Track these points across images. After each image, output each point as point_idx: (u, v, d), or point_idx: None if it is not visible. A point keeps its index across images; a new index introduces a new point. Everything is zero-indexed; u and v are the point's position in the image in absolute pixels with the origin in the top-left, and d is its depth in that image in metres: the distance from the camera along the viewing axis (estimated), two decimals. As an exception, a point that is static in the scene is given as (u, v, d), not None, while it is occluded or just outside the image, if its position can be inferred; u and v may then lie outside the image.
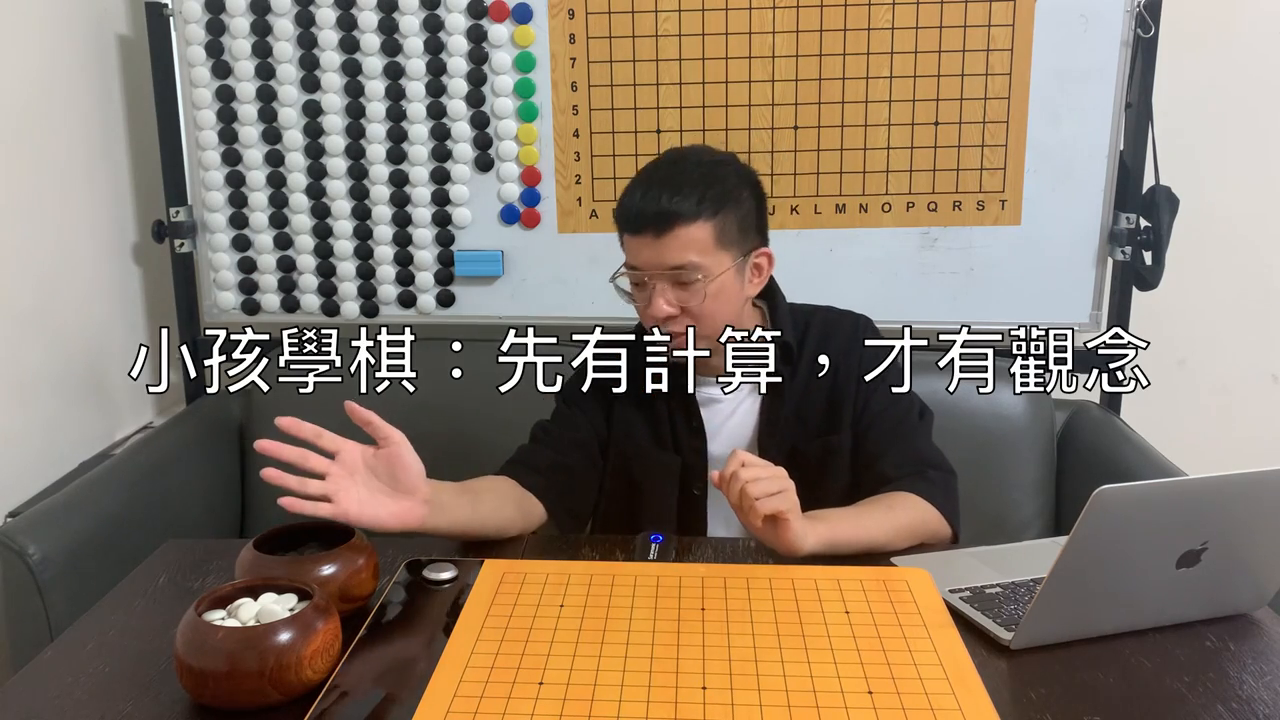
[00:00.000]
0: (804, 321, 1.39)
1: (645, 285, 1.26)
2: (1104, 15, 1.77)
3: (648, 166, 1.30)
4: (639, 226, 1.24)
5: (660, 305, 1.24)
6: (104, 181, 1.92)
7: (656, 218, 1.22)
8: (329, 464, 1.06)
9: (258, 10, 1.86)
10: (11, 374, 1.65)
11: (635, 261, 1.26)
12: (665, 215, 1.22)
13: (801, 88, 1.83)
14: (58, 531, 1.44)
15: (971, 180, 1.85)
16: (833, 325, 1.39)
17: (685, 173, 1.25)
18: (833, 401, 1.36)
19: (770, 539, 1.13)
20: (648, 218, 1.23)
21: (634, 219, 1.24)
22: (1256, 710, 0.88)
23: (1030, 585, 1.08)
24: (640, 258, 1.25)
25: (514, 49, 1.85)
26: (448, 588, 1.10)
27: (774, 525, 1.12)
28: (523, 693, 0.89)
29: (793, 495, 1.11)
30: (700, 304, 1.25)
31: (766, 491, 1.09)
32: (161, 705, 0.90)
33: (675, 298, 1.25)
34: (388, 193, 1.92)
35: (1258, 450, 2.03)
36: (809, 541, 1.13)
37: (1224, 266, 1.99)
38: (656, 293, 1.24)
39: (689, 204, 1.22)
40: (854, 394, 1.36)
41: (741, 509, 1.11)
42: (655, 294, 1.24)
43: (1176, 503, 0.93)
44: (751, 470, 1.10)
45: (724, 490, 1.13)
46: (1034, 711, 0.88)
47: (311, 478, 1.04)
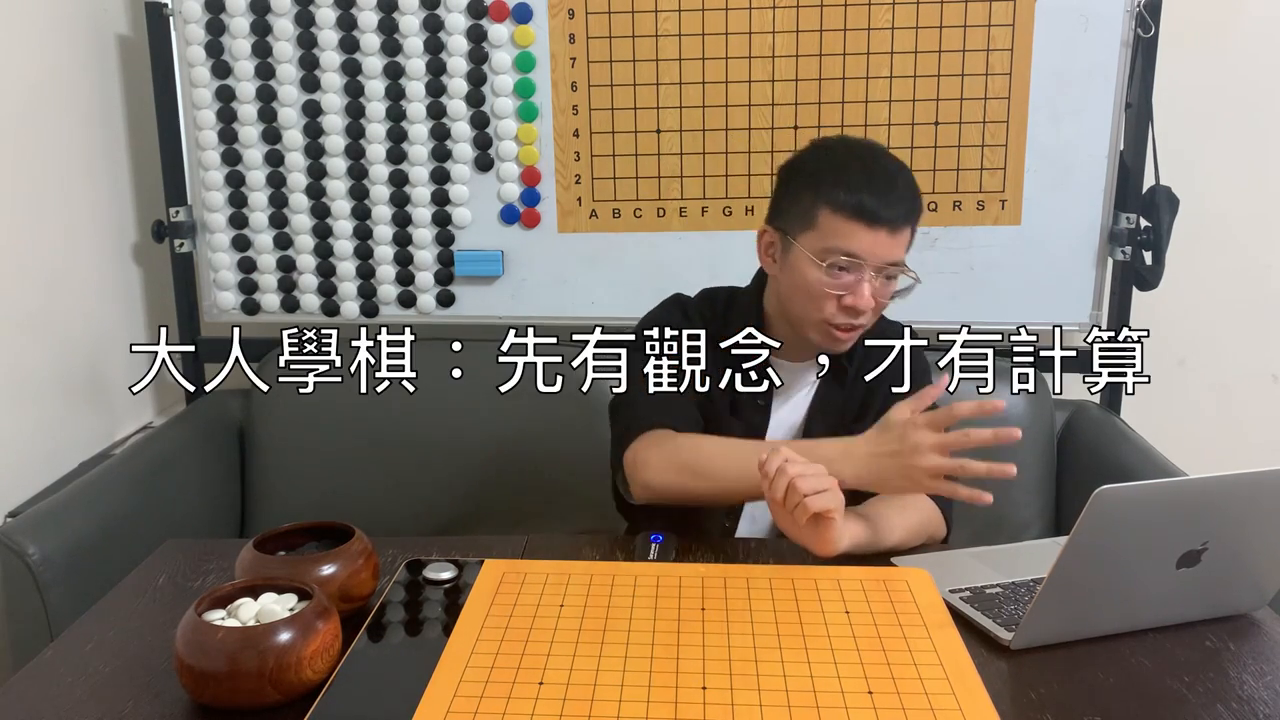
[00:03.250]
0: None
1: (851, 274, 1.25)
2: (1104, 15, 1.77)
3: (861, 155, 1.28)
4: (879, 222, 1.23)
5: (869, 296, 1.24)
6: (104, 181, 1.92)
7: (898, 218, 1.24)
8: None
9: (258, 10, 1.86)
10: (12, 374, 1.65)
11: (861, 251, 1.23)
12: (905, 216, 1.24)
13: (801, 88, 1.83)
14: (58, 531, 1.44)
15: (971, 180, 1.85)
16: (880, 331, 1.39)
17: (903, 175, 1.28)
18: (869, 394, 1.38)
19: (807, 537, 1.12)
20: (891, 216, 1.23)
21: (876, 214, 1.23)
22: (1256, 710, 0.88)
23: (1030, 585, 1.08)
24: (868, 249, 1.23)
25: (514, 49, 1.85)
26: (448, 588, 1.10)
27: (815, 524, 1.11)
28: (523, 693, 0.89)
29: (839, 493, 1.11)
30: (887, 297, 1.28)
31: (815, 489, 1.09)
32: (161, 705, 0.90)
33: (877, 291, 1.26)
34: (388, 193, 1.92)
35: (1258, 450, 2.03)
36: (845, 541, 1.13)
37: (1224, 266, 1.99)
38: (865, 284, 1.24)
39: (918, 208, 1.27)
40: (885, 392, 1.37)
41: (785, 505, 1.10)
42: (864, 285, 1.24)
43: (1176, 503, 0.93)
44: (797, 466, 1.10)
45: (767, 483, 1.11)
46: (1034, 711, 0.88)
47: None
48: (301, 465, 1.91)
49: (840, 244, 1.23)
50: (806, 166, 1.29)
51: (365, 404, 1.91)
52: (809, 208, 1.25)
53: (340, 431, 1.91)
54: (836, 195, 1.23)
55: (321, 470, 1.90)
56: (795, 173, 1.30)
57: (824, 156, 1.29)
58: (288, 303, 1.98)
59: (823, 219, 1.24)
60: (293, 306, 1.98)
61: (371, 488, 1.89)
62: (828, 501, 1.09)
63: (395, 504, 1.88)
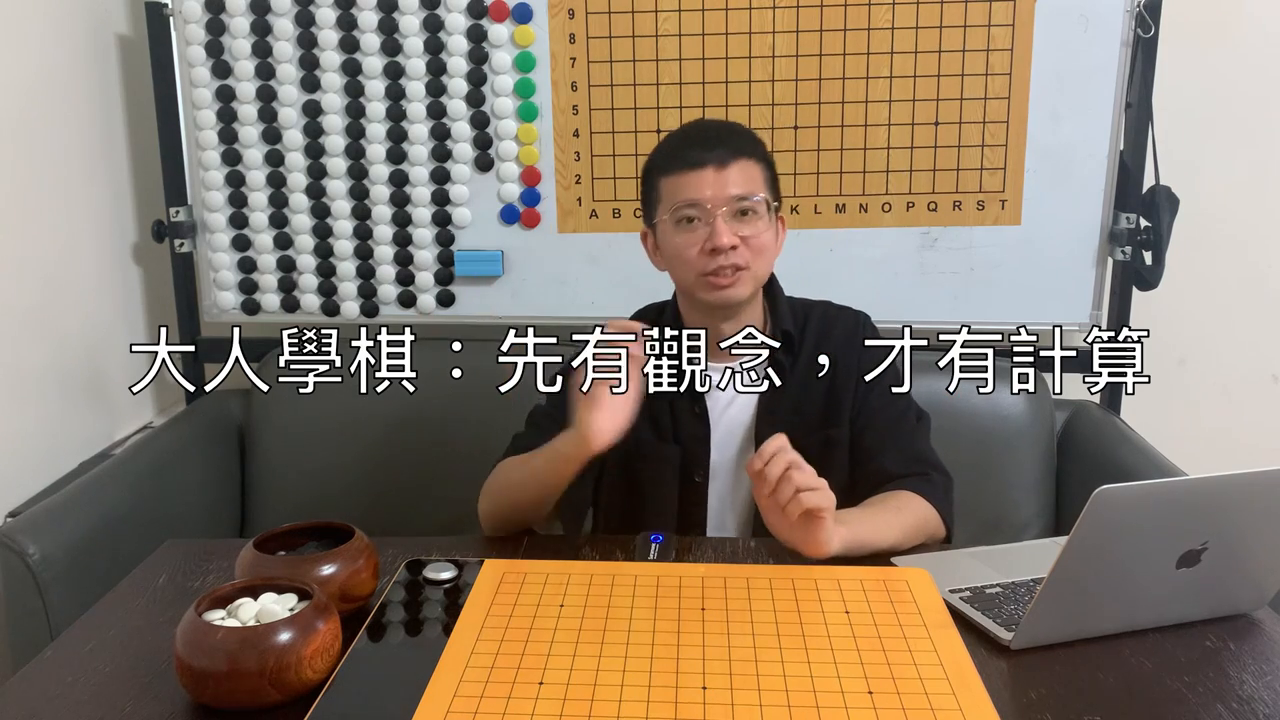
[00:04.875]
0: (803, 315, 1.40)
1: (701, 221, 1.28)
2: (1104, 15, 1.77)
3: (681, 127, 1.37)
4: (699, 163, 1.27)
5: (725, 233, 1.26)
6: (104, 181, 1.92)
7: (720, 152, 1.27)
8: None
9: (258, 10, 1.86)
10: (11, 374, 1.65)
11: (696, 195, 1.27)
12: (725, 152, 1.27)
13: (801, 88, 1.83)
14: (58, 531, 1.44)
15: (971, 180, 1.85)
16: (832, 320, 1.40)
17: (726, 123, 1.34)
18: (831, 396, 1.37)
19: (797, 538, 1.13)
20: (709, 154, 1.27)
21: (691, 158, 1.28)
22: (1256, 710, 0.88)
23: (1030, 585, 1.08)
24: (701, 192, 1.27)
25: (514, 49, 1.85)
26: (448, 588, 1.10)
27: (805, 525, 1.11)
28: (523, 693, 0.89)
29: (830, 494, 1.11)
30: (758, 237, 1.28)
31: (809, 485, 1.09)
32: (161, 705, 0.90)
33: (735, 229, 1.27)
34: (388, 193, 1.92)
35: (1258, 450, 2.02)
36: (835, 543, 1.13)
37: (1224, 266, 1.99)
38: (718, 221, 1.26)
39: (744, 143, 1.31)
40: (853, 390, 1.36)
41: (777, 500, 1.10)
42: (717, 223, 1.26)
43: (1176, 503, 0.93)
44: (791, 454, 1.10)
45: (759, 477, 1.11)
46: (1034, 711, 0.88)
47: None
48: (301, 465, 1.91)
49: (679, 196, 1.29)
50: (649, 160, 1.36)
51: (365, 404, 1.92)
52: (655, 189, 1.33)
53: (340, 431, 1.91)
54: (663, 162, 1.31)
55: (321, 470, 1.90)
56: (644, 171, 1.37)
57: (658, 144, 1.37)
58: (288, 303, 1.98)
59: (663, 187, 1.31)
60: (293, 306, 1.98)
61: (371, 488, 1.88)
62: (820, 500, 1.09)
63: (395, 504, 1.88)
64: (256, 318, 1.99)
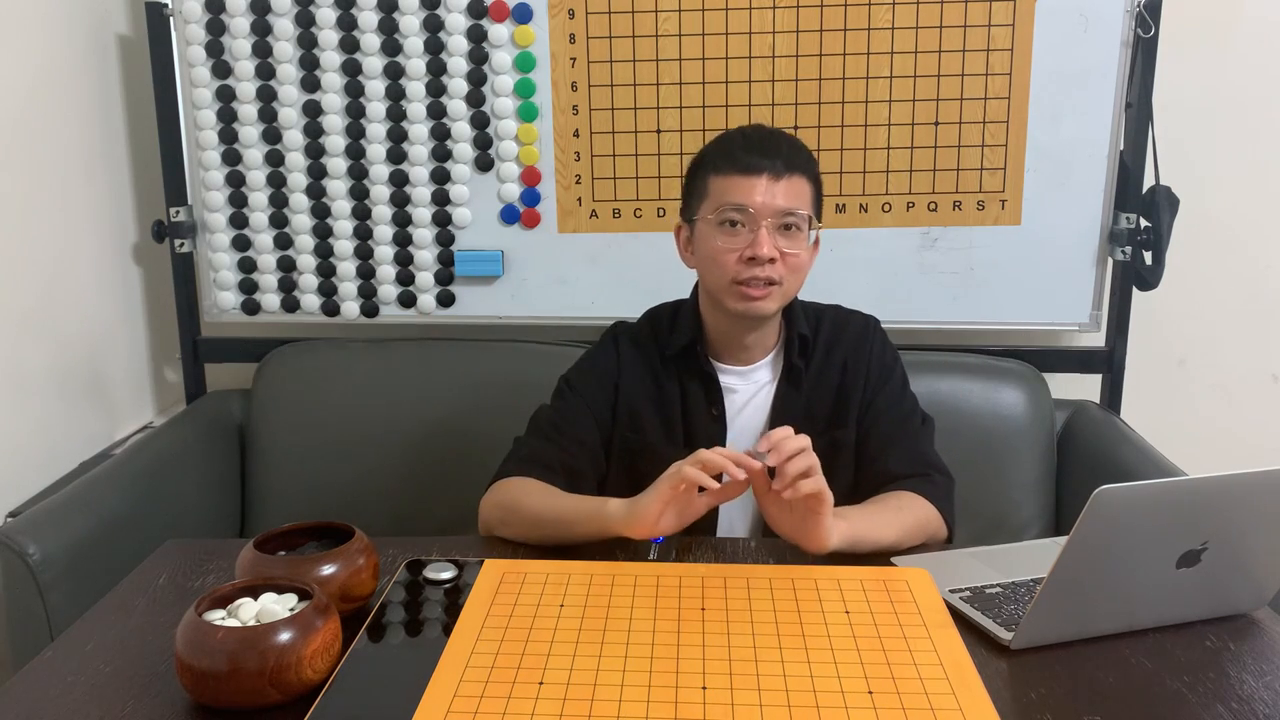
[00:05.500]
0: (815, 317, 1.41)
1: (745, 227, 1.27)
2: (1104, 15, 1.77)
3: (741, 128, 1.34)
4: (755, 169, 1.26)
5: (767, 243, 1.25)
6: (104, 181, 1.92)
7: (775, 164, 1.26)
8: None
9: (258, 10, 1.86)
10: (11, 374, 1.65)
11: (746, 200, 1.26)
12: (783, 164, 1.26)
13: (801, 88, 1.83)
14: (58, 531, 1.44)
15: (971, 180, 1.85)
16: (843, 324, 1.41)
17: (788, 135, 1.32)
18: (840, 398, 1.38)
19: (798, 533, 1.13)
20: (766, 162, 1.26)
21: (749, 163, 1.26)
22: (1256, 710, 0.88)
23: (1030, 585, 1.08)
24: (752, 198, 1.26)
25: (514, 49, 1.85)
26: (448, 588, 1.10)
27: (804, 519, 1.11)
28: (523, 693, 0.89)
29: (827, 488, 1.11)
30: (799, 255, 1.28)
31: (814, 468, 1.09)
32: (161, 705, 0.90)
33: (778, 243, 1.27)
34: (388, 193, 1.92)
35: (1258, 450, 2.03)
36: (834, 538, 1.13)
37: (1224, 266, 1.99)
38: (763, 231, 1.25)
39: (801, 159, 1.29)
40: (861, 392, 1.37)
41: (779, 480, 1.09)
42: (761, 233, 1.25)
43: (1176, 503, 0.93)
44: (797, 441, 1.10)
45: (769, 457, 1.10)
46: (1034, 711, 0.88)
47: None
48: (301, 465, 1.91)
49: (728, 199, 1.28)
50: (701, 155, 1.35)
51: (365, 404, 1.92)
52: (702, 185, 1.31)
53: (340, 431, 1.91)
54: (718, 161, 1.30)
55: (322, 470, 1.90)
56: (693, 165, 1.35)
57: (713, 141, 1.35)
58: (288, 303, 1.98)
59: (712, 185, 1.30)
60: (293, 306, 1.98)
61: (371, 488, 1.88)
62: (819, 485, 1.09)
63: (395, 504, 1.88)
64: (256, 318, 1.99)
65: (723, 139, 1.33)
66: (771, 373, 1.38)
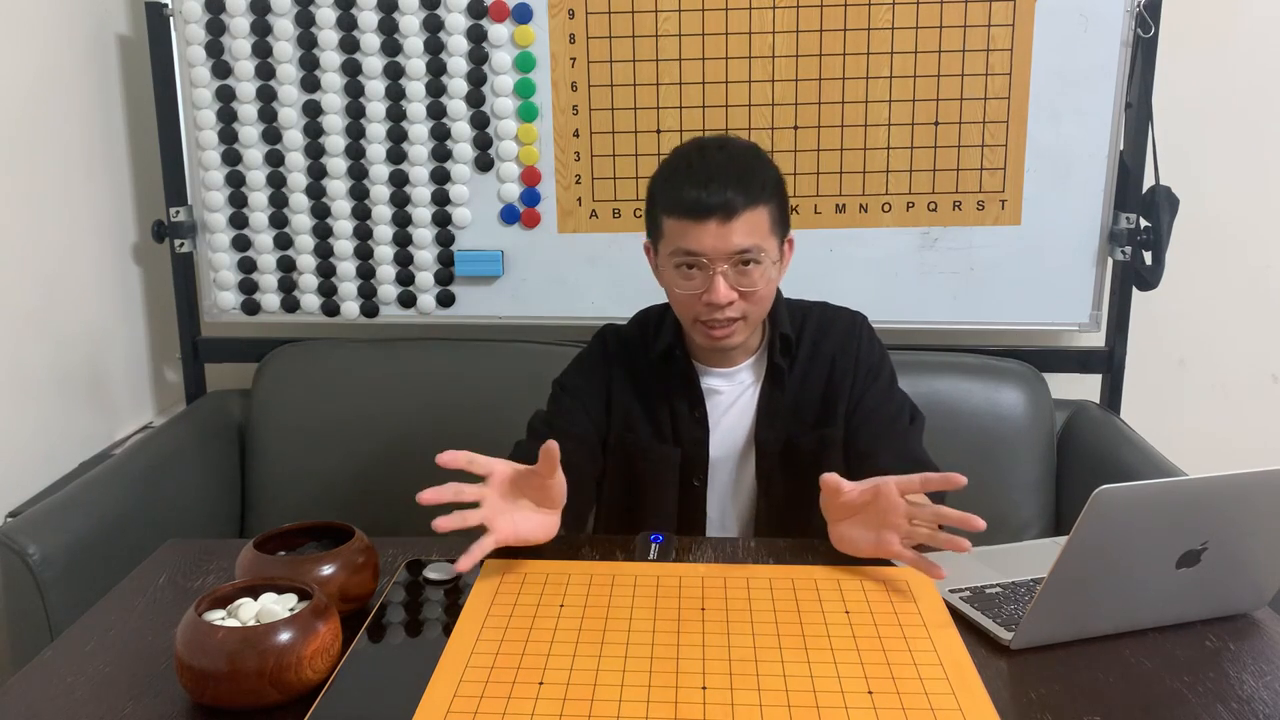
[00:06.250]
0: (800, 316, 1.40)
1: (701, 270, 1.25)
2: (1104, 15, 1.77)
3: (688, 155, 1.28)
4: (704, 213, 1.23)
5: (724, 290, 1.24)
6: (104, 181, 1.92)
7: (725, 205, 1.22)
8: (482, 492, 1.09)
9: (258, 10, 1.86)
10: (12, 374, 1.65)
11: (697, 248, 1.24)
12: (733, 202, 1.22)
13: (801, 88, 1.83)
14: (58, 531, 1.44)
15: (971, 180, 1.85)
16: (829, 321, 1.40)
17: (737, 160, 1.26)
18: (828, 396, 1.37)
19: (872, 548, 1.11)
20: (715, 205, 1.22)
21: (697, 206, 1.23)
22: (1256, 710, 0.88)
23: (1030, 585, 1.08)
24: (703, 244, 1.24)
25: (514, 49, 1.85)
26: (448, 588, 1.10)
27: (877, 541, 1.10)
28: (523, 693, 0.89)
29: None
30: (760, 288, 1.26)
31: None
32: (161, 705, 0.90)
33: (735, 282, 1.25)
34: (388, 193, 1.92)
35: (1258, 450, 2.03)
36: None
37: (1223, 266, 1.99)
38: (718, 278, 1.24)
39: (754, 189, 1.24)
40: (849, 389, 1.37)
41: (929, 512, 1.09)
42: (716, 279, 1.24)
43: (1176, 503, 0.93)
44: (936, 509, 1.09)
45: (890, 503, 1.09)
46: (1034, 711, 0.88)
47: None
48: (301, 465, 1.91)
49: (680, 244, 1.25)
50: (652, 184, 1.31)
51: (365, 404, 1.92)
52: (656, 217, 1.29)
53: (340, 431, 1.91)
54: (667, 198, 1.26)
55: (322, 470, 1.90)
56: (649, 191, 1.33)
57: (663, 164, 1.31)
58: (288, 303, 1.98)
59: (665, 225, 1.27)
60: (293, 306, 1.98)
61: (371, 488, 1.88)
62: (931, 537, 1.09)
63: (395, 504, 1.88)
64: (256, 318, 1.99)
65: (671, 169, 1.28)
66: (755, 373, 1.38)
